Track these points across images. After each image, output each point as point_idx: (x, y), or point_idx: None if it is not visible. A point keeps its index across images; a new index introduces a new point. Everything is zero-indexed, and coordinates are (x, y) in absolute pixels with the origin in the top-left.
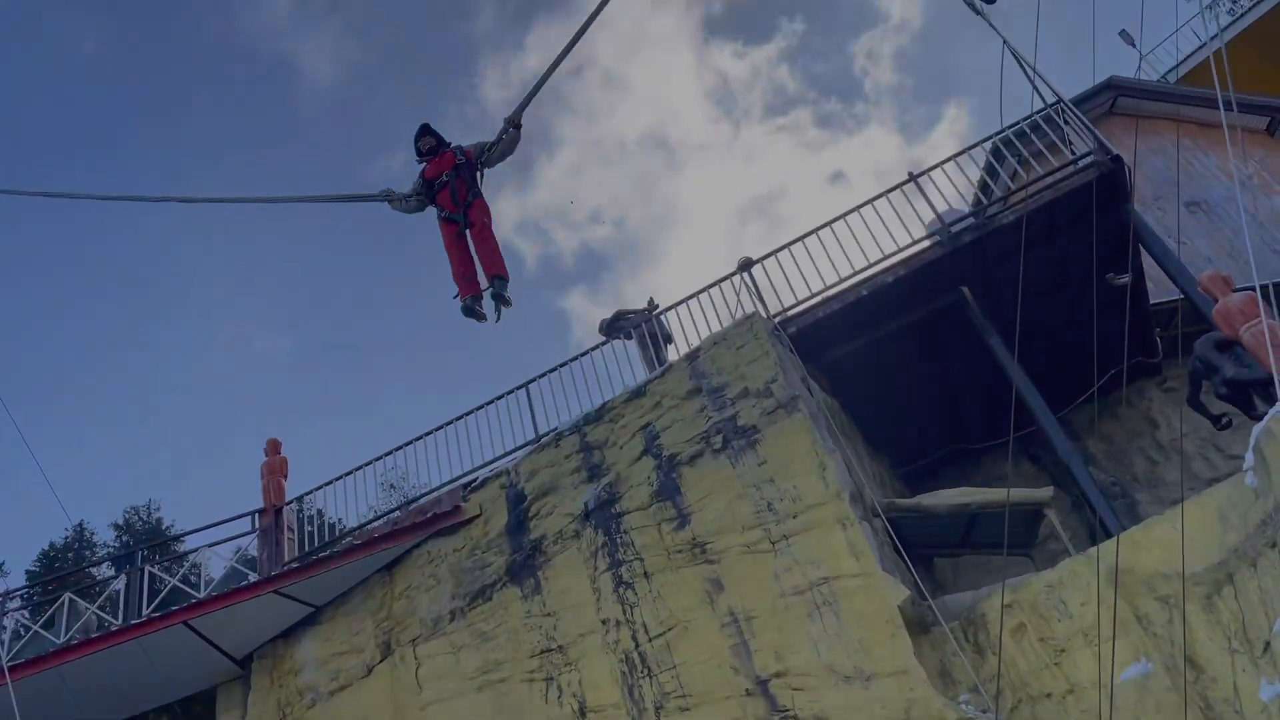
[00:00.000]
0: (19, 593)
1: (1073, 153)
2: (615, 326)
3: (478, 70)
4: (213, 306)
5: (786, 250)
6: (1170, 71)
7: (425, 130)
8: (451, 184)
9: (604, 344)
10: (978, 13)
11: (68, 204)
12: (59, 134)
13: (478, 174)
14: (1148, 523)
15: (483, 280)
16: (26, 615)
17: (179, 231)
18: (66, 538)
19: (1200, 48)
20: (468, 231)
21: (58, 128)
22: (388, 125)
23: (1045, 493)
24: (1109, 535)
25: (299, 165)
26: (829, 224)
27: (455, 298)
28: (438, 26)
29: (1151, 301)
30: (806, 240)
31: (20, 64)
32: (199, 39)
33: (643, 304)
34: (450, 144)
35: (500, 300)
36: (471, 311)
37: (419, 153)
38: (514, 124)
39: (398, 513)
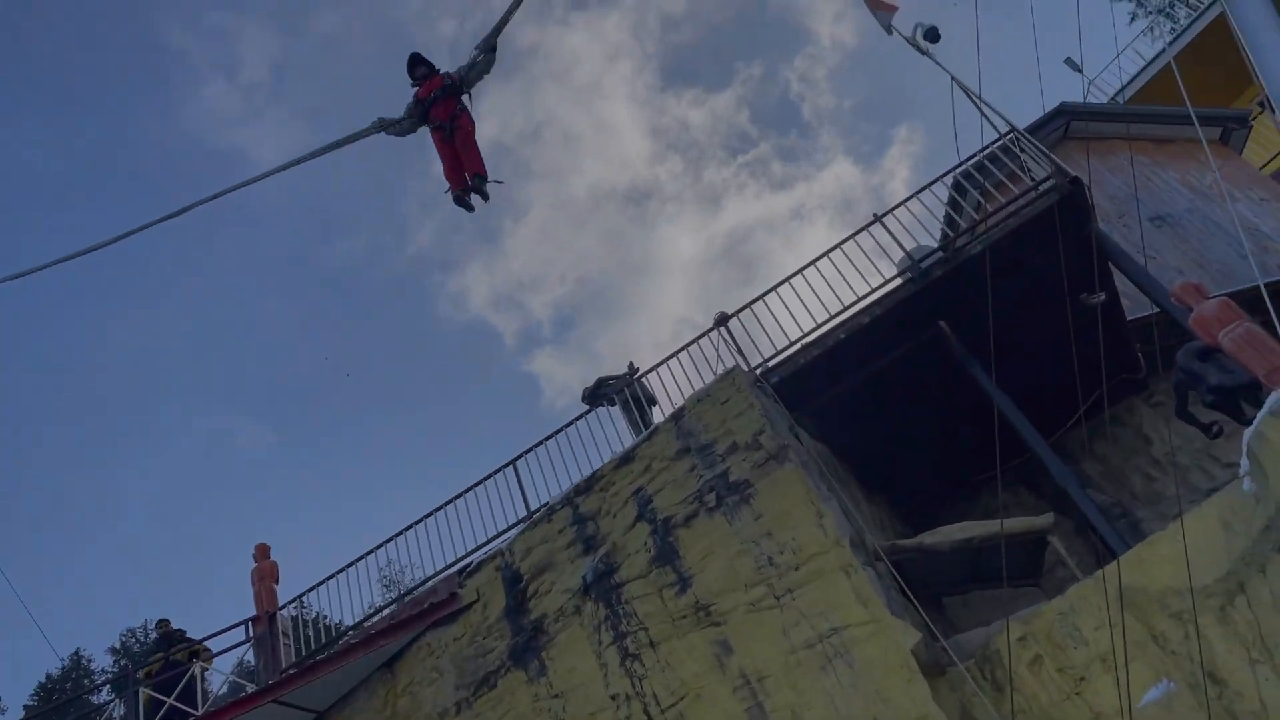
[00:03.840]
0: None
1: (1032, 179)
2: (598, 394)
3: None
4: (190, 399)
5: (761, 301)
6: (1118, 93)
7: (416, 60)
8: (441, 99)
9: (588, 413)
10: (923, 53)
11: (28, 295)
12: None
13: (463, 94)
14: (1151, 540)
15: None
16: None
17: (149, 321)
18: (63, 667)
19: (1146, 66)
20: (454, 137)
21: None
22: (345, 204)
23: (1045, 519)
24: (1114, 556)
25: (257, 249)
26: (800, 271)
27: (446, 191)
28: (390, 87)
29: (1128, 318)
30: (780, 289)
31: None
32: (143, 137)
33: (621, 368)
34: (439, 70)
35: (480, 193)
36: (460, 201)
37: (413, 79)
38: (488, 48)
39: (394, 606)
